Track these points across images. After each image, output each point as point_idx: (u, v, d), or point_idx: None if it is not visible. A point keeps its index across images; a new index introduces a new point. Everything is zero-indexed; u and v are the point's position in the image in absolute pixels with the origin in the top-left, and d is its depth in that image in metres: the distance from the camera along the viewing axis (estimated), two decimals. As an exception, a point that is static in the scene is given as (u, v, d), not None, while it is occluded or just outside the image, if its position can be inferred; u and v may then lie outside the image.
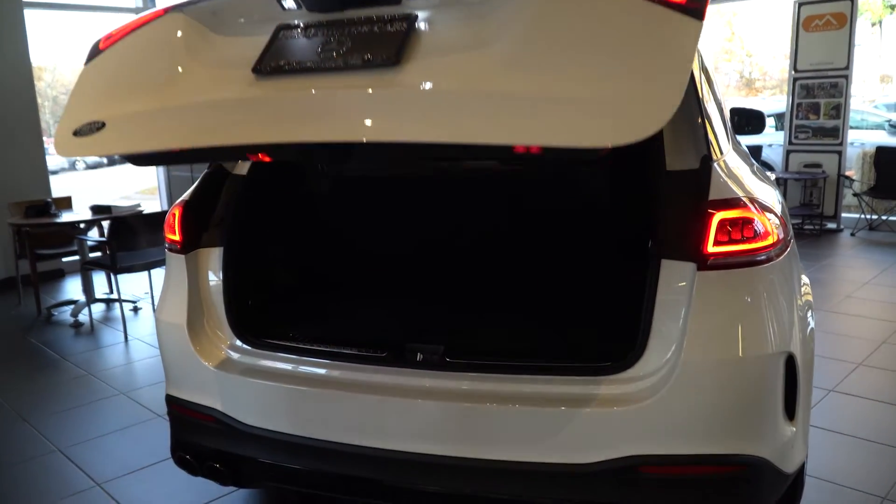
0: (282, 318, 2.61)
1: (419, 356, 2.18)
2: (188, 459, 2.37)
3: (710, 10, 1.86)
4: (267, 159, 2.07)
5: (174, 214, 2.43)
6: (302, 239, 2.90)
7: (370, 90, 1.65)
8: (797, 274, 2.19)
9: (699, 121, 2.13)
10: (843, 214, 8.19)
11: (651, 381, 1.93)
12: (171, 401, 2.43)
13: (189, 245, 2.40)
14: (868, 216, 8.03)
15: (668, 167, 2.07)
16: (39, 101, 7.27)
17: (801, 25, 8.00)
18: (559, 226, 2.57)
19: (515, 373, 2.06)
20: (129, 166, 2.08)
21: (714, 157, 2.06)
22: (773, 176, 2.96)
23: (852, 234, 7.88)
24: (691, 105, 2.18)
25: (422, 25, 1.75)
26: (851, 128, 8.68)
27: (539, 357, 2.12)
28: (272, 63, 1.77)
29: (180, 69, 1.89)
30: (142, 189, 16.01)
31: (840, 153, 8.03)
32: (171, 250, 2.45)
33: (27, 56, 7.03)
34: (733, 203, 1.92)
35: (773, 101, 14.86)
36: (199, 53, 1.91)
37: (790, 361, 1.94)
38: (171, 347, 2.40)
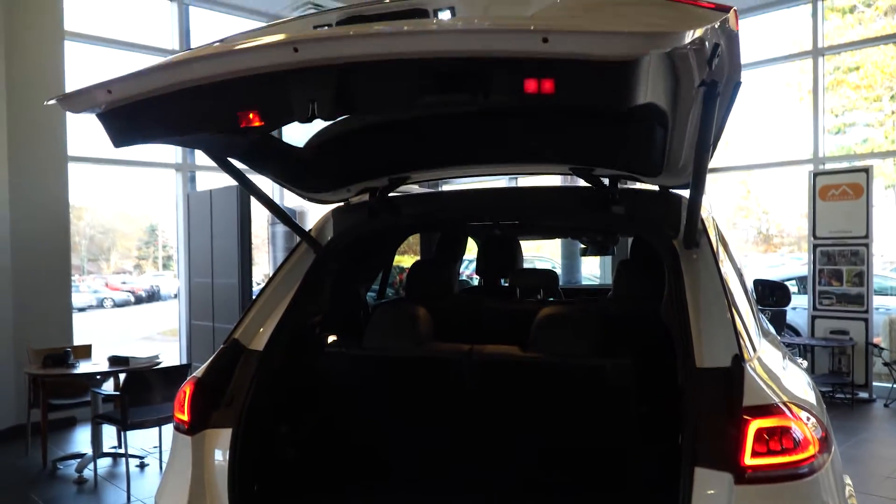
0: (289, 500, 2.48)
1: None
2: None
3: (726, 174, 1.89)
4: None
5: (185, 392, 2.37)
6: (314, 421, 2.81)
7: None
8: (840, 478, 2.04)
9: (727, 315, 2.09)
10: (875, 384, 7.93)
11: None
12: None
13: (197, 426, 2.32)
14: (901, 386, 7.76)
15: (697, 363, 2.00)
16: (77, 239, 7.47)
17: (818, 194, 8.14)
18: (585, 413, 2.46)
19: None
20: (153, 307, 2.04)
21: (746, 357, 1.99)
22: (804, 364, 2.85)
23: (886, 406, 7.58)
24: (718, 296, 2.15)
25: None
26: (876, 293, 8.59)
27: None
28: None
29: None
30: (163, 330, 16.13)
31: (866, 321, 7.90)
32: (178, 430, 2.37)
33: (66, 202, 7.30)
34: (770, 410, 1.83)
35: (794, 262, 14.93)
36: None
37: None
38: (169, 537, 2.27)
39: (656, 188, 2.57)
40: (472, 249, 4.60)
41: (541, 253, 14.02)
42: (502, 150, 2.50)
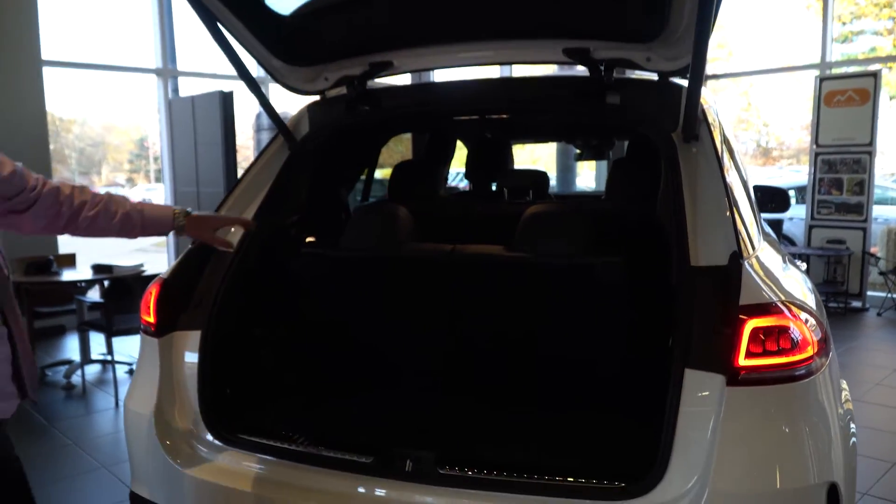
0: (262, 410, 2.40)
1: (408, 464, 1.95)
2: None
3: (727, 81, 1.75)
4: None
5: (150, 293, 2.25)
6: (291, 323, 2.70)
7: None
8: (837, 382, 1.95)
9: (727, 212, 1.94)
10: (869, 293, 7.90)
11: None
12: (135, 500, 2.20)
13: (164, 328, 2.21)
14: (895, 295, 7.73)
15: (692, 262, 1.87)
16: (67, 152, 7.24)
17: (823, 101, 7.87)
18: (572, 317, 2.34)
19: (513, 490, 1.81)
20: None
21: (745, 255, 1.86)
22: (803, 267, 2.73)
23: (879, 315, 7.58)
24: (717, 192, 1.99)
25: None
26: (875, 203, 8.46)
27: (543, 472, 1.88)
28: None
29: None
30: (158, 241, 15.97)
31: (864, 230, 7.80)
32: (145, 332, 2.26)
33: (43, 109, 7.03)
34: (768, 309, 1.71)
35: (791, 173, 14.71)
36: None
37: (833, 492, 1.69)
38: (137, 440, 2.19)
39: (654, 77, 2.36)
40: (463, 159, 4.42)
41: (537, 166, 13.77)
42: (491, 20, 2.28)
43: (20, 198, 1.66)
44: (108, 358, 5.85)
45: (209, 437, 2.14)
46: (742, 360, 1.66)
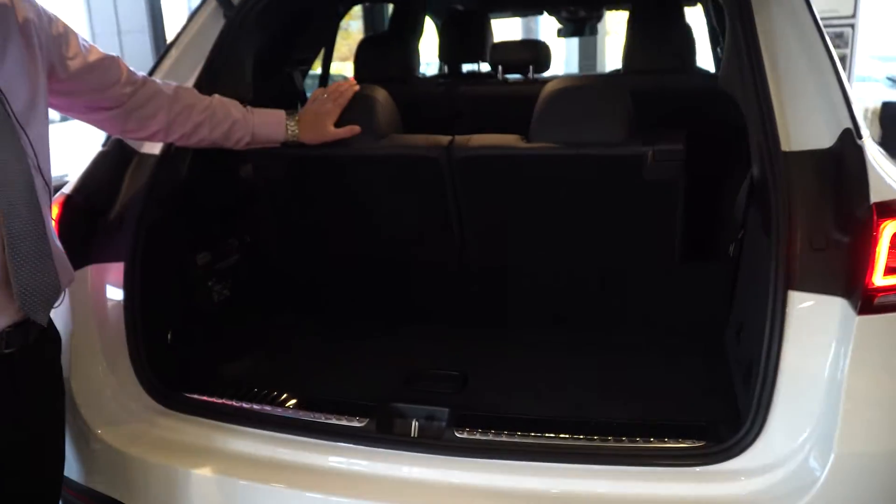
0: (216, 361, 1.91)
1: (414, 427, 1.50)
2: None
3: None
4: None
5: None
6: (245, 246, 2.17)
7: None
8: None
9: (831, 73, 1.45)
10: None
11: (774, 478, 1.27)
12: (64, 484, 1.71)
13: (73, 260, 1.65)
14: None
15: (784, 146, 1.39)
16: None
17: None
18: (616, 224, 1.85)
19: (557, 458, 1.38)
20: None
21: (860, 135, 1.38)
22: None
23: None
24: (812, 44, 1.50)
25: None
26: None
27: (591, 430, 1.44)
28: None
29: None
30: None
31: (847, 109, 7.42)
32: (48, 268, 1.70)
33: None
34: None
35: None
36: None
37: None
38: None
39: None
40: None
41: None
42: None
43: (111, 92, 1.47)
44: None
45: (146, 398, 1.64)
46: (878, 280, 1.21)
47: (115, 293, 1.70)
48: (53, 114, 1.40)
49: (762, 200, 1.44)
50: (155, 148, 1.81)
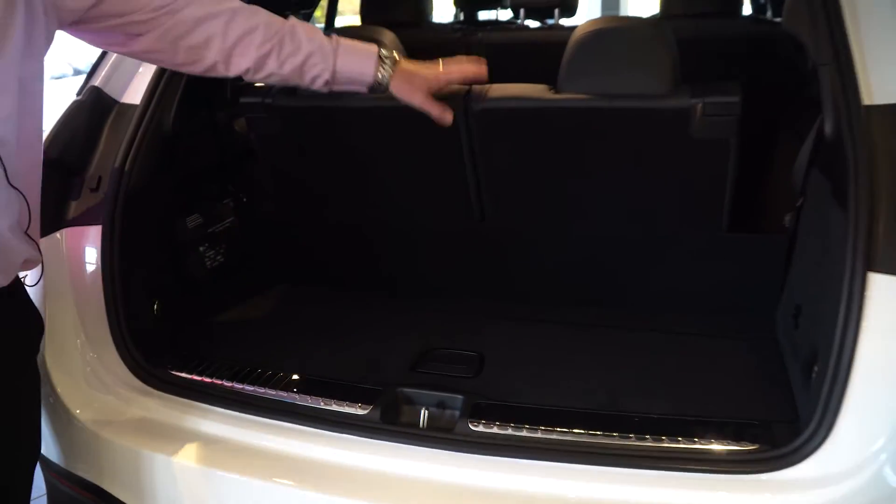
0: (207, 332, 1.75)
1: (423, 416, 1.34)
2: None
3: None
4: None
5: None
6: (243, 204, 1.99)
7: None
8: None
9: None
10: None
11: (842, 490, 1.08)
12: (44, 464, 1.58)
13: (45, 223, 1.49)
14: None
15: (866, 99, 1.18)
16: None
17: None
18: (660, 187, 1.63)
19: (587, 460, 1.20)
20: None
21: None
22: None
23: None
24: None
25: None
26: None
27: (627, 428, 1.26)
28: None
29: None
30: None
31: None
32: (17, 231, 1.53)
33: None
34: None
35: None
36: None
37: None
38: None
39: None
40: None
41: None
42: None
43: (136, 16, 1.19)
44: None
45: (127, 375, 1.49)
46: None
47: (93, 259, 1.53)
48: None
49: (834, 164, 1.22)
50: (136, 97, 1.62)
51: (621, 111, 1.50)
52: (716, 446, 1.20)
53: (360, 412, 1.34)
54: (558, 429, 1.25)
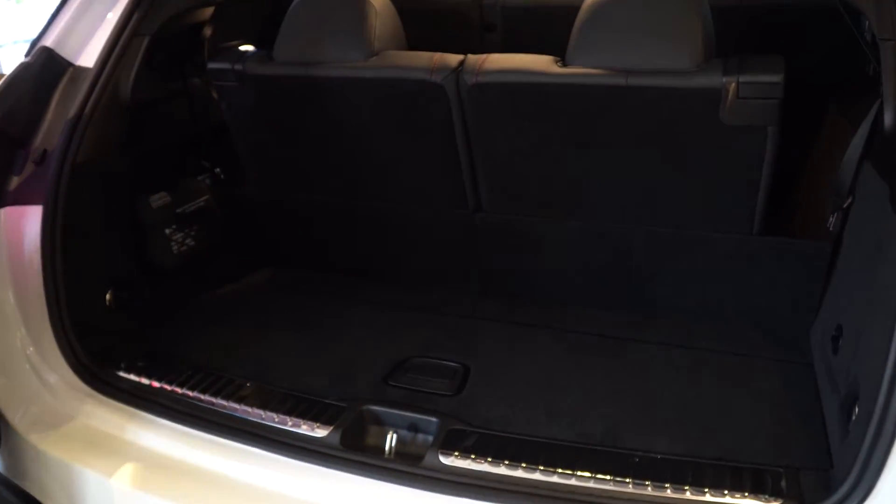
0: (171, 327, 1.59)
1: (390, 439, 1.16)
2: None
3: None
4: None
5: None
6: (220, 181, 1.81)
7: None
8: None
9: None
10: None
11: None
12: None
13: None
14: None
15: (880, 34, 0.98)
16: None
17: None
18: (684, 175, 1.40)
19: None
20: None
21: None
22: None
23: None
24: None
25: None
26: None
27: (623, 470, 1.07)
28: None
29: None
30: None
31: None
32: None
33: None
34: None
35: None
36: None
37: None
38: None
39: None
40: None
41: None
42: None
43: None
44: None
45: (70, 376, 1.33)
46: None
47: (34, 243, 1.37)
48: None
49: (893, 160, 1.00)
50: (91, 60, 1.44)
51: (639, 90, 1.27)
52: (730, 500, 1.00)
53: (319, 434, 1.17)
54: (541, 467, 1.07)
